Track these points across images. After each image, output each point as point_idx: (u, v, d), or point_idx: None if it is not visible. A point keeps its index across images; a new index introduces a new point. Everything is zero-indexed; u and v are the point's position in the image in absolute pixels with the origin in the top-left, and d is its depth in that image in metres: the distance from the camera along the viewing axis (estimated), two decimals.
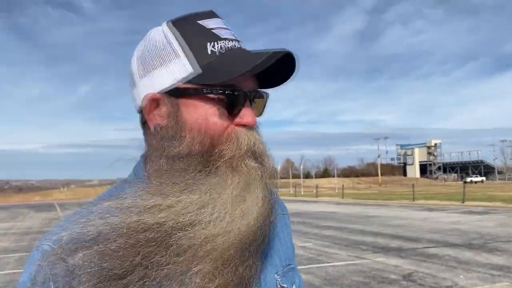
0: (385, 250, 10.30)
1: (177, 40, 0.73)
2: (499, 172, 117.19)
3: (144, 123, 0.78)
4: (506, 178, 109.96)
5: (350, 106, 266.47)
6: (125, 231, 0.61)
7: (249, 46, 0.76)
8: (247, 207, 0.67)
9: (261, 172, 0.72)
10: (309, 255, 9.76)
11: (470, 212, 20.13)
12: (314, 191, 47.61)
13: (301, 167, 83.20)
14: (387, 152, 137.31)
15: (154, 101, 0.73)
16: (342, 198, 38.88)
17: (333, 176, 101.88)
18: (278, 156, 0.88)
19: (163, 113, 0.73)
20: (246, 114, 0.72)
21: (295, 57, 0.71)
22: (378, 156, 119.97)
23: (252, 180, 0.70)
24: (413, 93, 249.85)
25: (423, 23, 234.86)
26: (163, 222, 0.63)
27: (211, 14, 0.77)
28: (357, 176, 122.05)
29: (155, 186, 0.67)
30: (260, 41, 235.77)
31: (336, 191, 56.96)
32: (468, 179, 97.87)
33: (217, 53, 0.71)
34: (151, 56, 0.74)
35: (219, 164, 0.69)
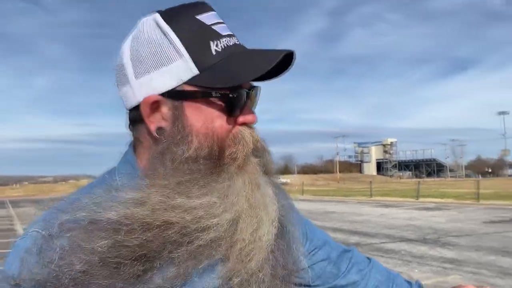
0: (345, 245, 10.50)
1: (180, 39, 0.69)
2: (451, 170, 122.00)
3: (134, 121, 0.75)
4: (457, 176, 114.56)
5: (311, 105, 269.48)
6: (146, 225, 0.62)
7: None
8: (267, 212, 0.71)
9: (265, 168, 0.75)
10: None
11: (424, 208, 20.89)
12: None
13: None
14: (345, 150, 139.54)
15: (155, 103, 0.70)
16: (302, 194, 39.36)
17: (293, 173, 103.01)
18: None
19: (166, 116, 0.70)
20: (248, 113, 0.73)
21: (294, 55, 0.71)
22: (337, 154, 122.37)
23: (258, 178, 0.72)
24: (372, 94, 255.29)
25: (383, 26, 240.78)
26: (184, 223, 0.64)
27: (206, 7, 0.73)
28: (315, 173, 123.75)
29: (173, 185, 0.66)
30: None
31: (296, 187, 57.54)
32: None
33: (221, 53, 0.70)
34: (149, 55, 0.70)
35: (230, 166, 0.70)
